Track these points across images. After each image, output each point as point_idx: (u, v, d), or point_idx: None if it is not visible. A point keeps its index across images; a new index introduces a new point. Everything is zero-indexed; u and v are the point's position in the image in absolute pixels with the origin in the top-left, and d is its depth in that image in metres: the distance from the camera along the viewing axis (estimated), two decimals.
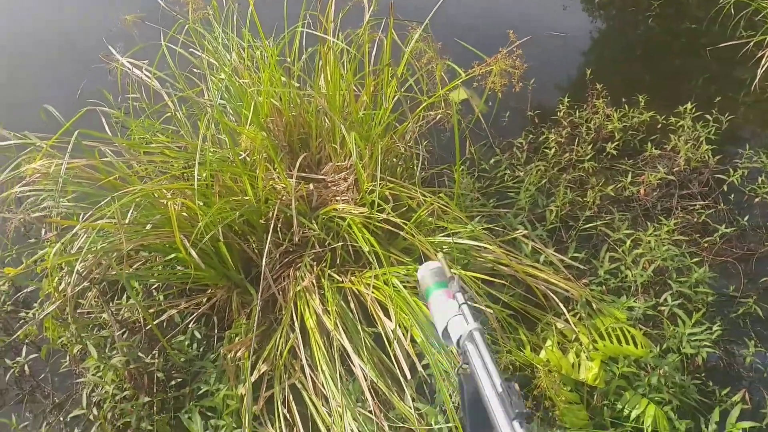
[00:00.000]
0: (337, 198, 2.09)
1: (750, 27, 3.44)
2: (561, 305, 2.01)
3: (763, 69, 3.17)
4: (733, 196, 2.63)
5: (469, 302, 0.75)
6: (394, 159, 2.28)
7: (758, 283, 2.38)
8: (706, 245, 2.48)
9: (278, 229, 2.04)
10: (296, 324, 1.97)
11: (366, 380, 1.86)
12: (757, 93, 3.22)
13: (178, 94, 2.12)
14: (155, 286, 2.29)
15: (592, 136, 2.89)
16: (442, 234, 2.07)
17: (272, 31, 2.20)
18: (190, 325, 2.11)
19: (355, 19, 2.29)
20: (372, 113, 2.08)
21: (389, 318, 1.87)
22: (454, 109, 1.80)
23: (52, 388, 2.15)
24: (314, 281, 2.03)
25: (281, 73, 2.12)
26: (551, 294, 2.05)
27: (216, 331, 2.18)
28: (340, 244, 2.03)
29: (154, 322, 1.96)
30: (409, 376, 1.79)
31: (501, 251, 2.04)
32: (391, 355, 1.86)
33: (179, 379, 2.07)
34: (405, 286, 1.83)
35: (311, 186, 2.12)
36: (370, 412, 1.82)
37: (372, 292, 1.91)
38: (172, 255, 1.91)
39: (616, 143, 2.84)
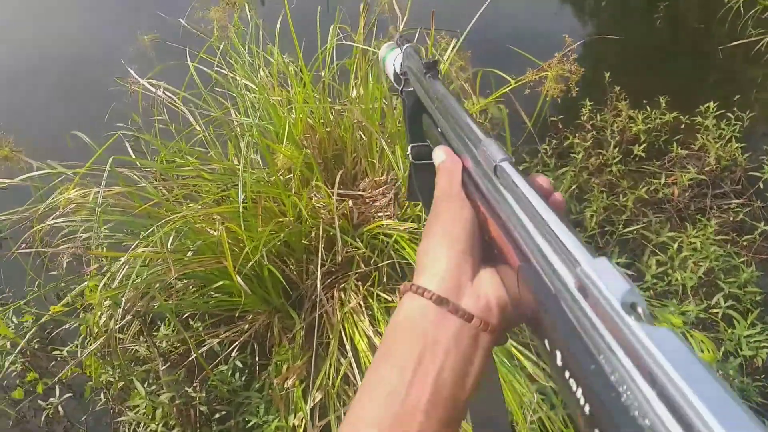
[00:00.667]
0: (380, 214, 2.01)
1: (758, 25, 3.44)
2: None
3: None
4: None
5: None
6: None
7: None
8: (745, 244, 2.44)
9: (319, 249, 1.96)
10: (347, 347, 1.88)
11: None
12: None
13: (211, 114, 2.04)
14: (186, 315, 2.19)
15: (616, 139, 2.85)
16: None
17: (301, 46, 2.13)
18: (232, 354, 2.01)
19: (382, 31, 2.24)
20: None
21: None
22: (504, 114, 1.74)
23: (87, 429, 2.03)
24: (361, 302, 1.95)
25: (316, 90, 2.05)
26: None
27: (257, 358, 2.08)
28: (386, 261, 1.96)
29: (194, 354, 1.86)
30: None
31: None
32: None
33: (223, 412, 1.97)
34: None
35: (350, 203, 2.04)
36: None
37: None
38: (219, 282, 1.82)
39: (643, 145, 2.80)
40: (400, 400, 0.39)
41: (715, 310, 2.15)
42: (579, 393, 0.32)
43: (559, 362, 0.34)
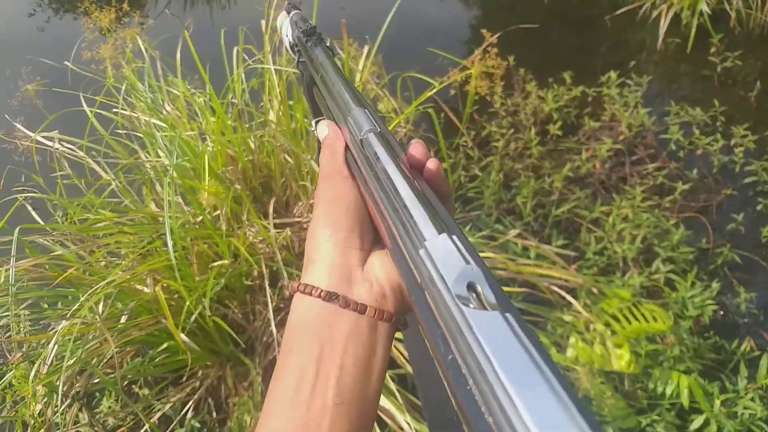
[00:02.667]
0: None
1: None
2: (569, 297, 1.97)
3: (664, 29, 3.32)
4: (680, 153, 2.71)
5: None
6: None
7: (725, 231, 2.46)
8: (668, 205, 2.54)
9: (264, 286, 1.84)
10: None
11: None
12: (663, 51, 3.37)
13: (120, 161, 1.86)
14: (127, 382, 2.01)
15: (531, 121, 2.89)
16: None
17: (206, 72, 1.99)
18: (187, 416, 1.86)
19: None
20: None
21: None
22: (435, 118, 1.69)
23: None
24: None
25: (231, 118, 1.93)
26: (556, 289, 2.00)
27: (215, 414, 1.94)
28: None
29: (146, 424, 1.71)
30: None
31: (501, 257, 1.96)
32: None
33: None
34: None
35: (288, 231, 1.93)
36: None
37: None
38: (164, 345, 1.67)
39: (558, 123, 2.85)
40: (305, 407, 0.38)
41: (656, 276, 2.21)
42: (446, 385, 0.29)
43: (430, 351, 0.32)
